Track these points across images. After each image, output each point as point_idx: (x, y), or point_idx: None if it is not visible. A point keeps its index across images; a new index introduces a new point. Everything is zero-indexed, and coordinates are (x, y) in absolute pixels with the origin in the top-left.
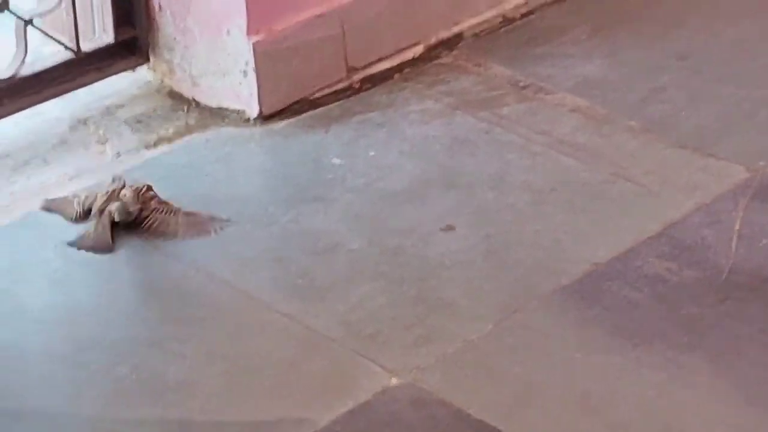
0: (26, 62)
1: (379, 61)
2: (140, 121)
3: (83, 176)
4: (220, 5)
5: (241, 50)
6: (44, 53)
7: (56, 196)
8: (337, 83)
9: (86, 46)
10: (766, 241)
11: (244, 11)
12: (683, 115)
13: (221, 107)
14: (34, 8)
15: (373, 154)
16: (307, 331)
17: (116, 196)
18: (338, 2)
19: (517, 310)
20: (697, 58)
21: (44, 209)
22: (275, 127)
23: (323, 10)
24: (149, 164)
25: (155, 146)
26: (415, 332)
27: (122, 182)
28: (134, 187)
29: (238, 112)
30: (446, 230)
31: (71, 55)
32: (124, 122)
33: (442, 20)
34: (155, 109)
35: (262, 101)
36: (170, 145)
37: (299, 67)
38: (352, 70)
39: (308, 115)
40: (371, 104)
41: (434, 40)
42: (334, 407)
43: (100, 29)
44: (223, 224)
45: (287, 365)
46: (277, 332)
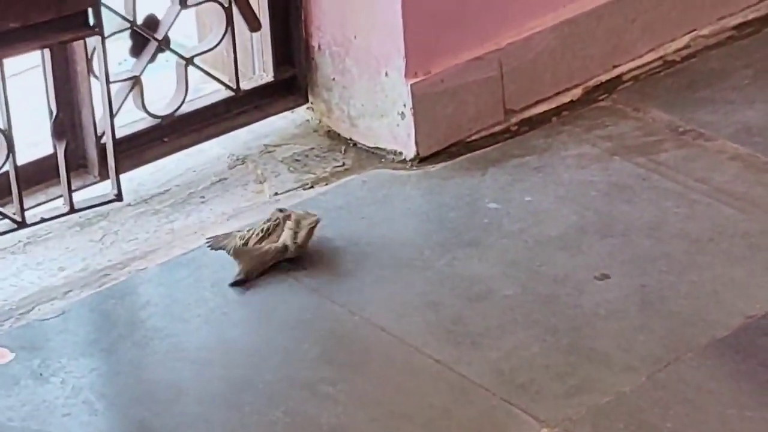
0: (186, 100)
1: (536, 103)
2: (298, 160)
3: (241, 215)
4: (379, 47)
5: (399, 92)
6: (204, 91)
7: (215, 233)
8: (494, 126)
9: (246, 84)
10: None
11: (402, 53)
12: None
13: (378, 147)
14: (195, 47)
15: (529, 198)
16: (459, 378)
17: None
18: (496, 44)
19: (670, 362)
20: None
21: (212, 248)
22: (431, 169)
23: (481, 52)
24: (306, 204)
25: (312, 186)
26: (567, 382)
27: (286, 213)
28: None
29: (395, 153)
30: (601, 279)
31: (231, 93)
32: (281, 161)
33: (601, 63)
34: (313, 148)
35: (419, 143)
36: (327, 185)
37: (456, 109)
38: (509, 112)
39: (465, 157)
40: (528, 147)
41: (593, 83)
42: None
43: (259, 68)
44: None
45: (439, 412)
46: (429, 378)
